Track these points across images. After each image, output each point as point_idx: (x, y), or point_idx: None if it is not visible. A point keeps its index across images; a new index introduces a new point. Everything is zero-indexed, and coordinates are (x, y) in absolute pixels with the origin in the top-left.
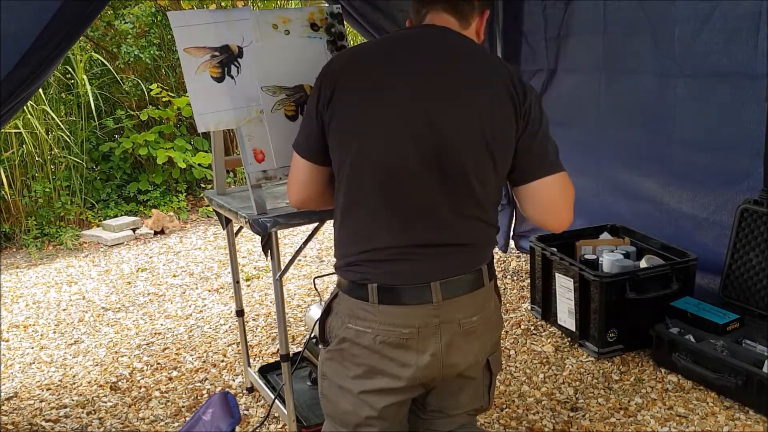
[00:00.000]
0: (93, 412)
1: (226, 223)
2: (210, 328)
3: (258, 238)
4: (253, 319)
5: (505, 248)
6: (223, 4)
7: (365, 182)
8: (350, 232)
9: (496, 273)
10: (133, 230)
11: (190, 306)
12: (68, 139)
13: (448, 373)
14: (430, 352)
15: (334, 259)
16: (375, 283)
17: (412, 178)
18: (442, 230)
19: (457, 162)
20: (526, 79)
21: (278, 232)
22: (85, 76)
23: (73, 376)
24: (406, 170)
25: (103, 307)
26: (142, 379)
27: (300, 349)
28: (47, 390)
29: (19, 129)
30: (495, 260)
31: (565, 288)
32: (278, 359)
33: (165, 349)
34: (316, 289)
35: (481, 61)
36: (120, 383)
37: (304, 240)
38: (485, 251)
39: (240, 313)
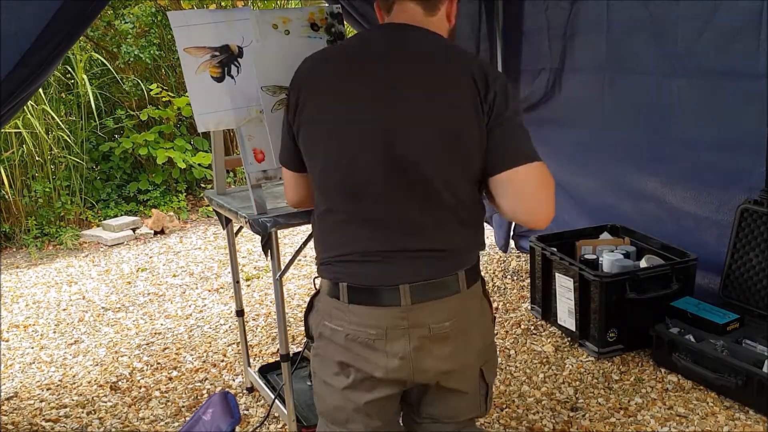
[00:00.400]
0: (93, 412)
1: (226, 223)
2: (210, 328)
3: (258, 238)
4: (253, 319)
5: (505, 248)
6: (223, 4)
7: (335, 191)
8: (325, 236)
9: (496, 273)
10: (133, 230)
11: (190, 306)
12: (68, 139)
13: (421, 378)
14: (399, 355)
15: None
16: (345, 283)
17: (380, 188)
18: (415, 237)
19: (422, 168)
20: (528, 78)
21: (278, 232)
22: (85, 76)
23: (73, 376)
24: (372, 180)
25: (103, 307)
26: (142, 379)
27: (300, 349)
28: (47, 390)
29: (19, 129)
30: (495, 260)
31: (565, 288)
32: (278, 359)
33: (165, 349)
34: (316, 289)
35: (441, 59)
36: (120, 383)
37: (304, 240)
38: (464, 256)
39: (240, 313)
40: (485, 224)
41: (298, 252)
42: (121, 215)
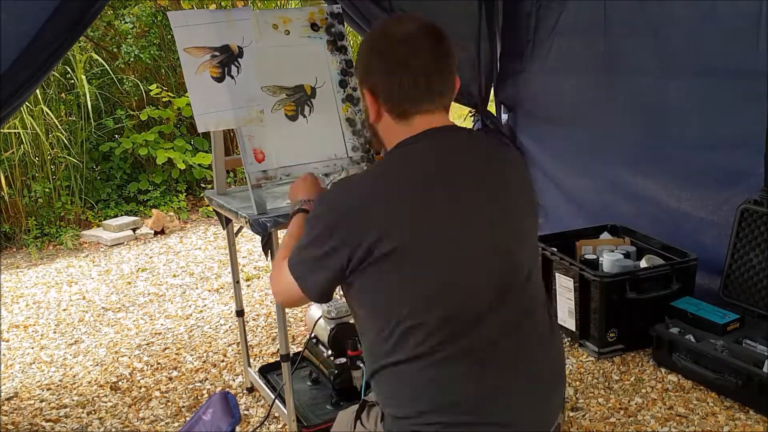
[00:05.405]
0: (93, 412)
1: (226, 223)
2: (210, 328)
3: (258, 238)
4: (253, 319)
5: None
6: (223, 4)
7: (435, 330)
8: (415, 385)
9: None
10: (133, 230)
11: (190, 306)
12: (68, 139)
13: None
14: None
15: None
16: None
17: (489, 305)
18: (531, 365)
19: (530, 281)
20: (527, 78)
21: (278, 231)
22: (84, 77)
23: (74, 376)
24: (480, 309)
25: (103, 307)
26: (142, 379)
27: (300, 349)
28: (47, 390)
29: (19, 129)
30: None
31: (565, 288)
32: (278, 359)
33: (165, 349)
34: None
35: (509, 164)
36: (120, 383)
37: None
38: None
39: (240, 313)
40: None
41: None
42: (121, 215)
